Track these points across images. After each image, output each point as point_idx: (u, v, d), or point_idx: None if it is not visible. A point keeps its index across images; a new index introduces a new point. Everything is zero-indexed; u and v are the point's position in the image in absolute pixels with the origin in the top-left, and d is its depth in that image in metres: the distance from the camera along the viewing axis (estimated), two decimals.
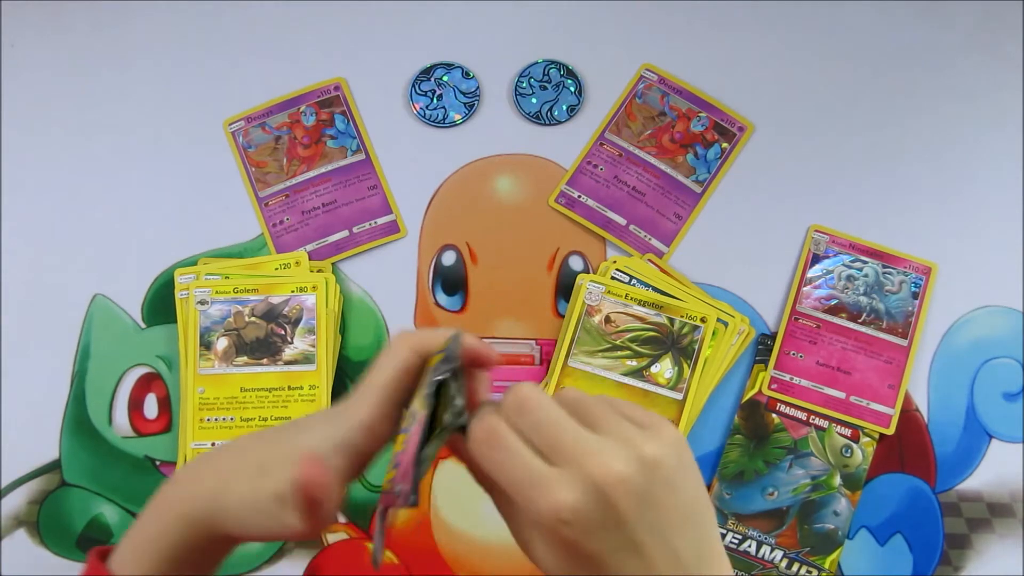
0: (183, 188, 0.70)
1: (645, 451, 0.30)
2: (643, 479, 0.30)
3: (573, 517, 0.29)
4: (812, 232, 0.69)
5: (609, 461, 0.30)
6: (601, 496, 0.29)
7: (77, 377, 0.66)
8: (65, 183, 0.70)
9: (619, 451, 0.30)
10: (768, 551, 0.62)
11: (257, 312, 0.64)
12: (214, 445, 0.62)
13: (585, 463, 0.30)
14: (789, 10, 0.74)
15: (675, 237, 0.69)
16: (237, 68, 0.72)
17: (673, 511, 0.31)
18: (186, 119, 0.71)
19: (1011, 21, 0.74)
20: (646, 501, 0.30)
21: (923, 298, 0.67)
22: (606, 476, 0.29)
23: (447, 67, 0.72)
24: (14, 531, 0.64)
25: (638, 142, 0.71)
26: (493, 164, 0.71)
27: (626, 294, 0.65)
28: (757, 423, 0.65)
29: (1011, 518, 0.64)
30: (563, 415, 0.31)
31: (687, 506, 0.31)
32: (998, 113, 0.72)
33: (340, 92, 0.71)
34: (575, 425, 0.31)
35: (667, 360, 0.63)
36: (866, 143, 0.71)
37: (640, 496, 0.30)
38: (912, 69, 0.73)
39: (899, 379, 0.65)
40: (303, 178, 0.70)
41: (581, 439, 0.30)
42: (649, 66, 0.72)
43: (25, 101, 0.72)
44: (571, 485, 0.29)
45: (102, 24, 0.73)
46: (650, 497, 0.30)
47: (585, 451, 0.30)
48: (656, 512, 0.30)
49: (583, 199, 0.69)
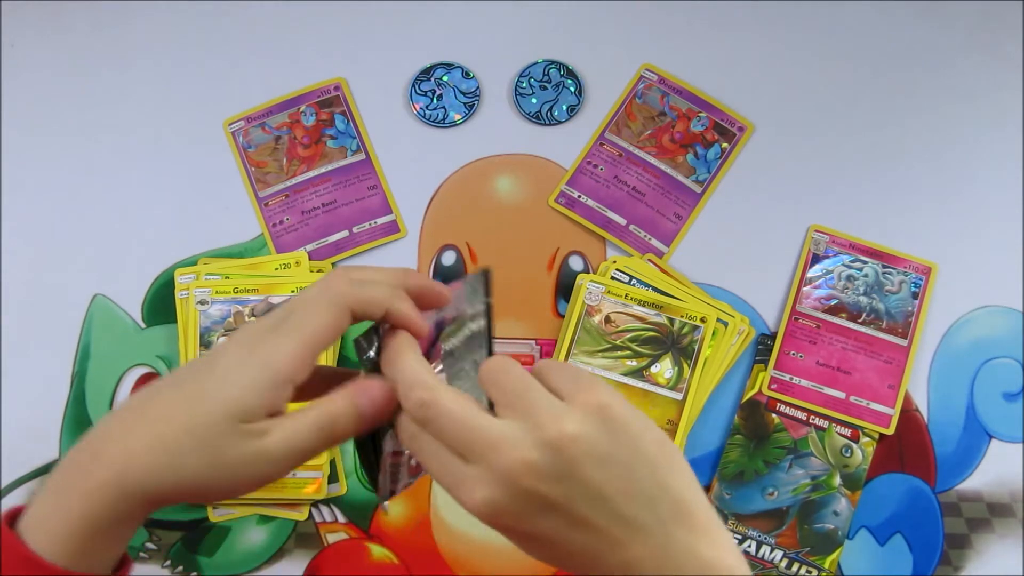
0: (183, 188, 0.70)
1: (553, 431, 0.29)
2: (558, 462, 0.29)
3: (496, 511, 0.29)
4: (812, 232, 0.69)
5: (512, 451, 0.29)
6: (515, 487, 0.29)
7: (77, 377, 0.66)
8: (65, 183, 0.70)
9: (524, 438, 0.29)
10: (768, 551, 0.62)
11: (257, 312, 0.64)
12: None
13: (491, 458, 0.29)
14: (789, 10, 0.74)
15: (675, 237, 0.69)
16: (237, 68, 0.72)
17: (609, 482, 0.30)
18: (186, 119, 0.71)
19: (1011, 21, 0.74)
20: (569, 480, 0.29)
21: (923, 298, 0.67)
22: (511, 467, 0.29)
23: (447, 67, 0.72)
24: None
25: (638, 142, 0.71)
26: (493, 164, 0.71)
27: (626, 294, 0.65)
28: (757, 423, 0.65)
29: (1011, 518, 0.64)
30: (466, 408, 0.31)
31: (627, 468, 0.30)
32: (998, 113, 0.72)
33: (340, 92, 0.71)
34: (479, 417, 0.30)
35: (667, 360, 0.63)
36: (866, 143, 0.71)
37: (559, 478, 0.29)
38: (912, 69, 0.73)
39: (899, 379, 0.65)
40: (303, 178, 0.70)
41: (485, 432, 0.30)
42: (649, 66, 0.72)
43: (25, 101, 0.72)
44: (484, 482, 0.29)
45: (102, 24, 0.73)
46: (573, 475, 0.29)
47: (489, 445, 0.29)
48: (587, 487, 0.29)
49: (583, 199, 0.69)
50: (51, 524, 0.32)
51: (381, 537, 0.63)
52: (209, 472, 0.32)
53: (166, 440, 0.31)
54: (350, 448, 0.65)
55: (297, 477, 0.63)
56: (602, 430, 0.30)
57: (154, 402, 0.33)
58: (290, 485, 0.63)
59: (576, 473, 0.29)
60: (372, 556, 0.63)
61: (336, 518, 0.64)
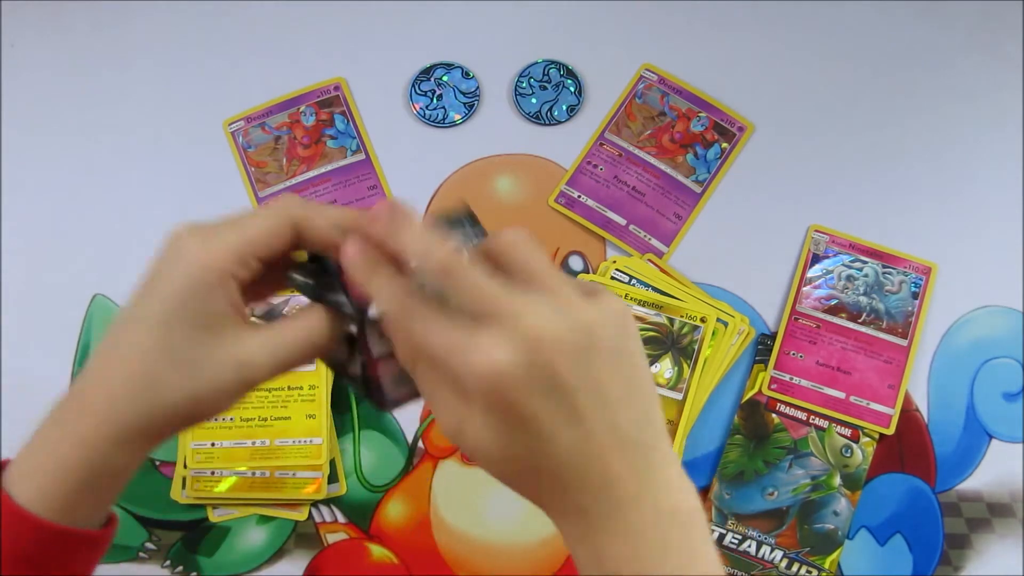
0: (183, 188, 0.70)
1: (583, 316, 0.29)
2: (581, 342, 0.28)
3: (506, 377, 0.28)
4: (812, 232, 0.69)
5: (543, 320, 0.28)
6: (536, 354, 0.28)
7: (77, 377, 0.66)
8: (65, 183, 0.70)
9: (555, 312, 0.28)
10: (768, 551, 0.62)
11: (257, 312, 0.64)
12: (214, 445, 0.62)
13: (518, 321, 0.28)
14: (789, 10, 0.74)
15: (675, 237, 0.69)
16: (237, 68, 0.72)
17: (614, 383, 0.29)
18: (186, 119, 0.71)
19: (1011, 21, 0.74)
20: (585, 366, 0.28)
21: (923, 298, 0.67)
22: (541, 333, 0.28)
23: (447, 67, 0.72)
24: None
25: (638, 142, 0.71)
26: (493, 164, 0.71)
27: (626, 294, 0.65)
28: (757, 423, 0.65)
29: (1011, 518, 0.64)
30: (488, 274, 0.29)
31: (629, 381, 0.30)
32: (998, 113, 0.72)
33: (340, 92, 0.71)
34: (505, 284, 0.29)
35: (667, 360, 0.63)
36: (866, 143, 0.71)
37: (577, 360, 0.28)
38: (912, 69, 0.73)
39: (899, 379, 0.65)
40: (303, 178, 0.70)
41: (514, 297, 0.29)
42: (649, 66, 0.72)
43: (25, 101, 0.72)
44: (504, 343, 0.28)
45: (102, 24, 0.73)
46: (589, 363, 0.28)
47: (518, 310, 0.28)
48: (596, 380, 0.29)
49: (583, 199, 0.69)
50: (40, 477, 0.31)
51: (381, 537, 0.63)
52: (192, 388, 0.31)
53: (142, 370, 0.31)
54: (350, 448, 0.65)
55: (297, 477, 0.63)
56: (618, 334, 0.30)
57: (124, 333, 0.33)
58: (290, 485, 0.63)
59: (592, 361, 0.29)
60: (372, 556, 0.63)
61: (336, 518, 0.64)
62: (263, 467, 0.62)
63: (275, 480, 0.63)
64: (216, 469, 0.62)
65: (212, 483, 0.63)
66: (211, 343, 0.31)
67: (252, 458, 0.62)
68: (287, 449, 0.62)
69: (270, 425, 0.62)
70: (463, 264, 0.29)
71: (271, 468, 0.62)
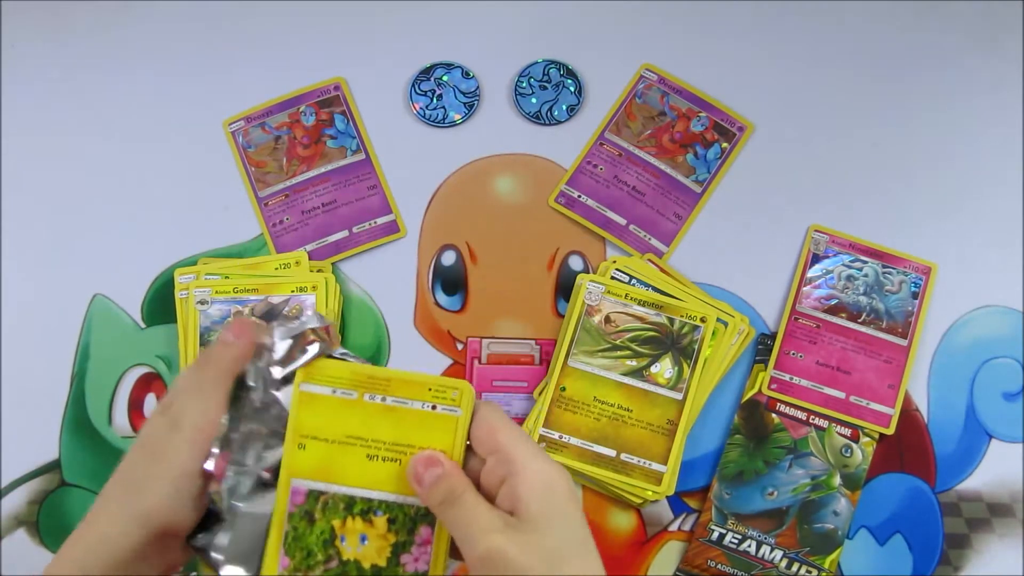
0: (183, 188, 0.70)
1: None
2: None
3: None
4: (812, 232, 0.69)
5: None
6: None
7: (77, 377, 0.66)
8: (65, 183, 0.70)
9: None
10: (768, 551, 0.62)
11: (257, 312, 0.64)
12: None
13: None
14: (789, 10, 0.74)
15: (675, 237, 0.69)
16: (237, 68, 0.72)
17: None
18: (186, 119, 0.71)
19: (1011, 21, 0.74)
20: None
21: (923, 298, 0.67)
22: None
23: (447, 67, 0.72)
24: (14, 531, 0.64)
25: (638, 142, 0.71)
26: (493, 164, 0.71)
27: (626, 294, 0.65)
28: (757, 423, 0.65)
29: (1011, 518, 0.64)
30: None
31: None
32: (998, 113, 0.72)
33: (340, 92, 0.71)
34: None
35: (667, 360, 0.63)
36: (866, 143, 0.71)
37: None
38: (912, 69, 0.73)
39: (899, 379, 0.65)
40: (303, 178, 0.70)
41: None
42: (649, 66, 0.72)
43: (25, 101, 0.72)
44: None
45: (102, 24, 0.73)
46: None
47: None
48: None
49: (583, 199, 0.69)
50: (89, 555, 0.36)
51: None
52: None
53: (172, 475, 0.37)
54: None
55: None
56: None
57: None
58: None
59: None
60: None
61: None
62: None
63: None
64: None
65: None
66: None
67: None
68: None
69: None
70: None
71: None
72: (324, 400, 0.39)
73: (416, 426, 0.38)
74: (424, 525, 0.38)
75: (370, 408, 0.39)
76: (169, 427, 0.37)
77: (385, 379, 0.39)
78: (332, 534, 0.38)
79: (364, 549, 0.38)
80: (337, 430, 0.39)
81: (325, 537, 0.38)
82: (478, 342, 0.67)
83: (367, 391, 0.39)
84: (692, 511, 0.64)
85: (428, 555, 0.38)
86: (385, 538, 0.38)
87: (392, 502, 0.39)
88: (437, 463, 0.37)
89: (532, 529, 0.34)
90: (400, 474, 0.38)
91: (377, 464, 0.39)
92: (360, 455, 0.39)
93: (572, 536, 0.36)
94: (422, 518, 0.39)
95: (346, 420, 0.39)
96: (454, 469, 0.37)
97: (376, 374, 0.39)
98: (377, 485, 0.39)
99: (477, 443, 0.38)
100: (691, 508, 0.64)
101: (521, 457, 0.36)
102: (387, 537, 0.38)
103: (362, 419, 0.39)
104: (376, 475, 0.39)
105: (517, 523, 0.35)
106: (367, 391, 0.39)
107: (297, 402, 0.39)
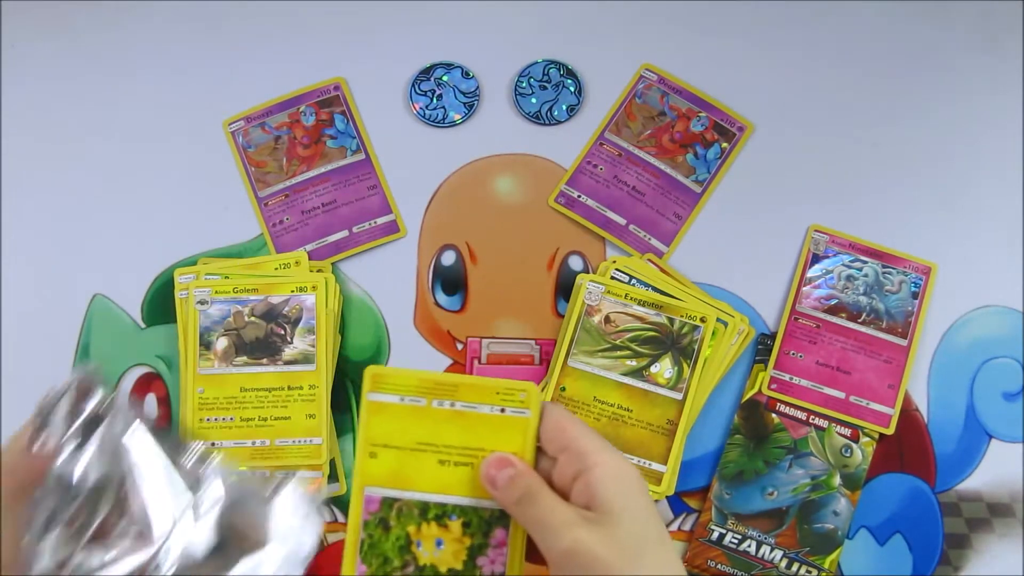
0: (183, 188, 0.70)
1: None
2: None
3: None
4: (812, 232, 0.69)
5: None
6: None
7: None
8: (65, 183, 0.70)
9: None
10: (768, 551, 0.62)
11: (257, 312, 0.64)
12: (214, 445, 0.62)
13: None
14: (789, 10, 0.74)
15: (675, 237, 0.69)
16: (237, 68, 0.72)
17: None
18: (186, 119, 0.71)
19: (1011, 21, 0.74)
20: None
21: (923, 298, 0.67)
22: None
23: (447, 67, 0.72)
24: None
25: (638, 142, 0.71)
26: (493, 164, 0.71)
27: (626, 294, 0.65)
28: (757, 423, 0.65)
29: (1011, 518, 0.64)
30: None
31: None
32: (998, 113, 0.72)
33: (340, 92, 0.72)
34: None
35: (667, 360, 0.63)
36: (866, 143, 0.71)
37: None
38: (912, 69, 0.73)
39: (899, 379, 0.65)
40: (303, 178, 0.70)
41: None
42: (649, 66, 0.72)
43: (25, 101, 0.72)
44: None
45: (102, 24, 0.73)
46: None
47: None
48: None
49: (583, 199, 0.69)
50: None
51: None
52: None
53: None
54: (350, 448, 0.65)
55: (297, 477, 0.63)
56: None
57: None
58: None
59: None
60: None
61: (336, 518, 0.64)
62: (263, 467, 0.62)
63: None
64: None
65: None
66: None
67: (252, 458, 0.62)
68: (287, 449, 0.62)
69: (270, 425, 0.62)
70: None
71: (271, 468, 0.62)
72: (392, 408, 0.40)
73: (486, 430, 0.39)
74: (499, 527, 0.39)
75: (439, 414, 0.39)
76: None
77: (453, 385, 0.40)
78: (408, 540, 0.39)
79: (440, 553, 0.39)
80: (407, 437, 0.39)
81: (401, 543, 0.39)
82: (478, 342, 0.67)
83: (435, 397, 0.40)
84: (692, 511, 0.64)
85: (504, 556, 0.39)
86: (461, 541, 0.39)
87: (466, 506, 0.39)
88: (509, 464, 0.38)
89: (611, 522, 0.35)
90: (472, 478, 0.39)
91: (449, 469, 0.39)
92: (431, 461, 0.39)
93: (650, 528, 0.36)
94: (496, 520, 0.39)
95: (415, 427, 0.39)
96: (527, 469, 0.38)
97: (443, 380, 0.40)
98: (450, 489, 0.39)
99: (547, 442, 0.39)
100: (691, 508, 0.64)
101: (593, 452, 0.37)
102: (463, 540, 0.39)
103: (431, 425, 0.39)
104: (448, 480, 0.39)
105: (595, 517, 0.35)
106: (435, 397, 0.40)
107: (366, 411, 0.40)
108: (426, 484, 0.39)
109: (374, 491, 0.39)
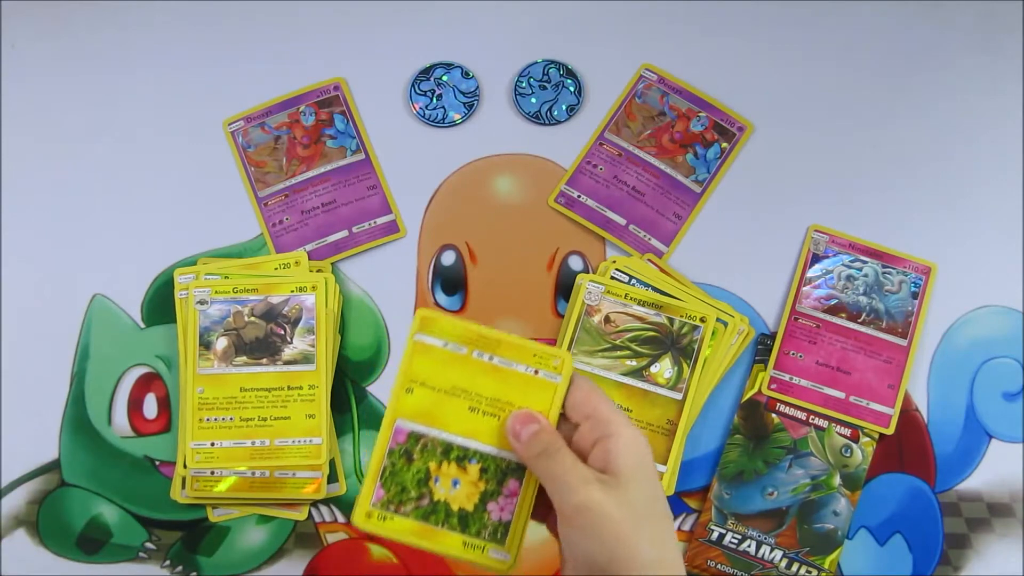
0: (183, 188, 0.70)
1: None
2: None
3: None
4: (812, 232, 0.69)
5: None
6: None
7: (76, 377, 0.66)
8: (65, 183, 0.70)
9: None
10: (768, 551, 0.62)
11: (256, 312, 0.64)
12: (214, 445, 0.62)
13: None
14: (789, 10, 0.74)
15: (675, 237, 0.69)
16: (237, 68, 0.72)
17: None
18: (186, 119, 0.71)
19: (1011, 21, 0.74)
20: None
21: (923, 298, 0.67)
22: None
23: (447, 67, 0.72)
24: (14, 531, 0.64)
25: (638, 142, 0.71)
26: (493, 164, 0.71)
27: (626, 294, 0.65)
28: (757, 423, 0.65)
29: (1011, 518, 0.64)
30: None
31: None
32: (998, 113, 0.72)
33: (339, 92, 0.72)
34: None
35: (667, 360, 0.63)
36: (866, 143, 0.71)
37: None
38: (912, 69, 0.73)
39: (899, 379, 0.65)
40: (303, 178, 0.70)
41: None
42: (649, 66, 0.72)
43: (25, 101, 0.72)
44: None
45: (102, 24, 0.73)
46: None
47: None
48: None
49: (583, 199, 0.69)
50: None
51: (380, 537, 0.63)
52: None
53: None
54: (350, 448, 0.65)
55: (297, 477, 0.63)
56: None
57: None
58: (290, 485, 0.63)
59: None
60: (371, 556, 0.63)
61: (336, 518, 0.64)
62: (263, 467, 0.62)
63: (275, 480, 0.63)
64: (216, 469, 0.62)
65: (212, 483, 0.63)
66: None
67: (252, 458, 0.62)
68: (287, 449, 0.62)
69: (270, 425, 0.62)
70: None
71: (271, 468, 0.62)
72: (435, 351, 0.42)
73: (518, 387, 0.41)
74: (513, 478, 0.41)
75: (477, 365, 0.42)
76: None
77: (496, 340, 0.42)
78: (427, 474, 0.41)
79: (455, 493, 0.41)
80: (444, 380, 0.41)
81: (420, 476, 0.41)
82: None
83: (476, 348, 0.42)
84: (692, 511, 0.64)
85: (513, 506, 0.41)
86: (476, 485, 0.41)
87: (486, 453, 0.41)
88: (534, 420, 0.40)
89: (623, 486, 0.37)
90: (498, 429, 0.41)
91: (477, 416, 0.41)
92: (463, 406, 0.41)
93: (655, 497, 0.39)
94: (512, 471, 0.41)
95: (454, 372, 0.41)
96: (550, 427, 0.40)
97: (487, 334, 0.42)
98: (475, 435, 0.41)
99: (572, 408, 0.41)
100: (691, 508, 0.64)
101: (615, 422, 0.39)
102: (478, 485, 0.41)
103: (468, 374, 0.41)
104: (475, 426, 0.41)
105: (610, 479, 0.38)
106: (476, 348, 0.42)
107: (411, 350, 0.41)
108: (454, 426, 0.41)
109: (404, 424, 0.41)
